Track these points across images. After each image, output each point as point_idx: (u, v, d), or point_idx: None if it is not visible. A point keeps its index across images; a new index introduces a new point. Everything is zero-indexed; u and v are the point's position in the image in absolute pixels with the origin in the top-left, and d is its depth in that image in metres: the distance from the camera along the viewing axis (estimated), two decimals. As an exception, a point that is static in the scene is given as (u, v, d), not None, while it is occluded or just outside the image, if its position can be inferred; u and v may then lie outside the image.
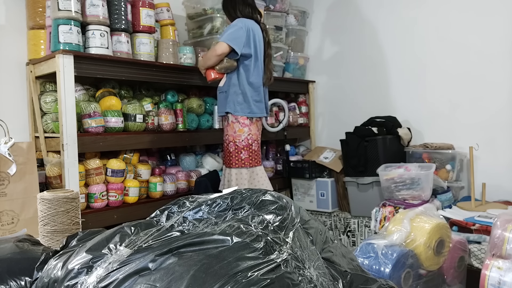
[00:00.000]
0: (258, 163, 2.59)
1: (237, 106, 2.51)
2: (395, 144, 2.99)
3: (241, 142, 2.51)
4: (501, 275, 1.62)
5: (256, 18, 2.60)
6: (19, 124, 2.46)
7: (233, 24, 2.49)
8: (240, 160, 2.51)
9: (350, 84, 3.60)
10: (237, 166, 2.51)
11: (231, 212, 1.22)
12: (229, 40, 2.41)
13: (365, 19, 3.48)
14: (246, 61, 2.51)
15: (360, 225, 3.01)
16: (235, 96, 2.51)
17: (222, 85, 2.59)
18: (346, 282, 1.17)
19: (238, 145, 2.51)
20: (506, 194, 2.74)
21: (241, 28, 2.46)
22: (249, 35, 2.49)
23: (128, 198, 2.51)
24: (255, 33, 2.51)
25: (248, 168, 2.53)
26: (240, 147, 2.51)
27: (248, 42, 2.48)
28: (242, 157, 2.51)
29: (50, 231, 1.60)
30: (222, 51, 2.41)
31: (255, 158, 2.56)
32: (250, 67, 2.53)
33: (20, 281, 1.19)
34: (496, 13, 2.83)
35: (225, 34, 2.45)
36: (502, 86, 2.82)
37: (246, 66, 2.52)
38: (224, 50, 2.41)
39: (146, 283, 0.92)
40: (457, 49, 3.00)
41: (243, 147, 2.51)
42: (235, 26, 2.47)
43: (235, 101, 2.51)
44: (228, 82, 2.54)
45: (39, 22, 2.44)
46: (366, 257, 1.76)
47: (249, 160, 2.53)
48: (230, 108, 2.52)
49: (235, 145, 2.51)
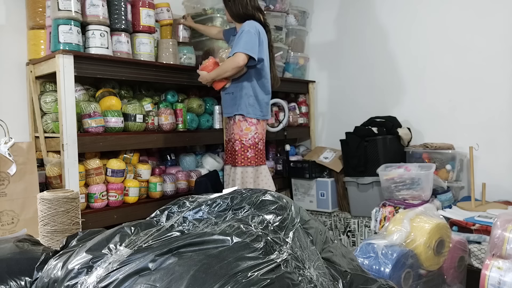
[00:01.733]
0: (263, 162, 2.60)
1: (249, 108, 2.51)
2: (395, 144, 2.99)
3: (247, 140, 2.52)
4: (501, 275, 1.62)
5: (264, 20, 2.58)
6: (19, 124, 2.45)
7: (245, 30, 2.41)
8: (246, 159, 2.52)
9: (350, 84, 3.60)
10: (243, 165, 2.51)
11: (231, 212, 1.22)
12: (247, 50, 2.36)
13: (365, 19, 3.48)
14: (258, 65, 2.49)
15: (360, 225, 3.01)
16: (247, 98, 2.50)
17: (227, 86, 2.58)
18: (346, 282, 1.17)
19: (245, 144, 2.51)
20: (506, 194, 2.74)
21: (254, 34, 2.41)
22: (261, 40, 2.46)
23: (128, 198, 2.51)
24: (263, 37, 2.49)
25: (254, 166, 2.54)
26: (247, 145, 2.51)
27: (261, 46, 2.46)
28: (249, 156, 2.52)
29: (50, 231, 1.60)
30: (244, 62, 2.36)
31: (260, 157, 2.57)
32: (262, 71, 2.53)
33: (20, 281, 1.19)
34: (496, 13, 2.83)
35: (241, 43, 2.38)
36: (502, 86, 2.82)
37: (258, 70, 2.51)
38: (245, 61, 2.36)
39: (146, 283, 0.92)
40: (457, 49, 3.00)
41: (249, 146, 2.52)
42: (248, 32, 2.40)
43: (246, 103, 2.50)
44: (236, 84, 2.53)
45: (39, 22, 2.44)
46: (366, 257, 1.76)
47: (255, 159, 2.53)
48: (242, 110, 2.50)
49: (241, 143, 2.51)
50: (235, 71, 2.42)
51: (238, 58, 2.36)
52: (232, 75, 2.47)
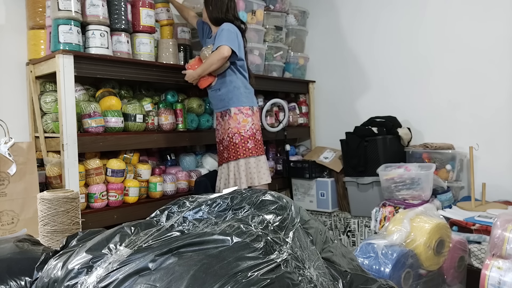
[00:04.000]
0: (263, 152, 2.65)
1: (242, 97, 2.58)
2: (395, 144, 2.99)
3: (246, 132, 2.56)
4: (501, 275, 1.62)
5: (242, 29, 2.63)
6: (19, 124, 2.45)
7: (226, 28, 2.48)
8: (248, 150, 2.55)
9: (350, 84, 3.60)
10: (245, 156, 2.55)
11: (231, 212, 1.22)
12: (230, 44, 2.43)
13: (365, 19, 3.48)
14: (238, 63, 2.58)
15: (360, 225, 3.01)
16: (236, 90, 2.57)
17: (214, 84, 2.61)
18: (346, 282, 1.17)
19: (244, 135, 2.55)
20: (506, 194, 2.74)
21: (234, 33, 2.49)
22: (239, 41, 2.54)
23: (128, 198, 2.51)
24: (240, 40, 2.56)
25: (256, 156, 2.57)
26: (246, 137, 2.56)
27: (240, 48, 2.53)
28: (249, 146, 2.56)
29: (50, 231, 1.60)
30: (228, 53, 2.42)
31: (259, 147, 2.62)
32: (243, 68, 2.62)
33: (20, 281, 1.19)
34: (497, 13, 2.82)
35: (223, 38, 2.44)
36: (502, 86, 2.82)
37: (240, 67, 2.60)
38: (229, 52, 2.42)
39: (146, 283, 0.92)
40: (457, 49, 3.00)
41: (248, 137, 2.56)
42: (228, 31, 2.47)
43: (238, 94, 2.57)
44: (222, 81, 2.58)
45: (39, 22, 2.44)
46: (366, 257, 1.76)
47: (255, 149, 2.58)
48: (234, 102, 2.56)
49: (240, 135, 2.55)
50: (220, 62, 2.46)
51: (223, 50, 2.41)
52: (217, 67, 2.50)
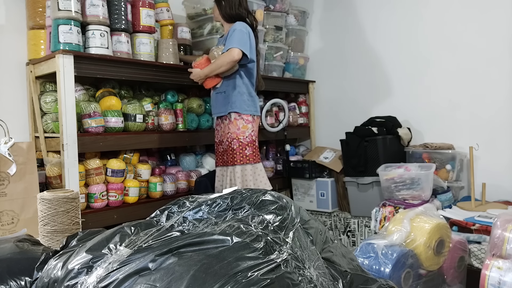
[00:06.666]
0: (259, 160, 2.63)
1: (244, 105, 2.53)
2: (395, 144, 2.99)
3: (245, 138, 2.53)
4: (501, 275, 1.62)
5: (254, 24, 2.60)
6: (19, 124, 2.45)
7: (238, 29, 2.44)
8: (245, 157, 2.52)
9: (350, 84, 3.60)
10: (241, 163, 2.52)
11: (231, 212, 1.22)
12: (241, 46, 2.38)
13: (365, 19, 3.48)
14: (249, 65, 2.52)
15: (360, 225, 3.01)
16: (240, 96, 2.52)
17: (219, 86, 2.58)
18: (346, 282, 1.17)
19: (243, 142, 2.52)
20: (506, 194, 2.74)
21: (246, 34, 2.44)
22: (251, 42, 2.49)
23: (128, 198, 2.51)
24: (252, 40, 2.52)
25: (253, 164, 2.55)
26: (245, 143, 2.53)
27: (251, 48, 2.49)
28: (247, 153, 2.53)
29: (50, 231, 1.60)
30: (239, 56, 2.37)
31: (257, 155, 2.60)
32: (252, 70, 2.56)
33: (20, 281, 1.19)
34: (497, 13, 2.83)
35: (234, 40, 2.40)
36: (503, 86, 2.82)
37: (248, 69, 2.54)
38: (239, 55, 2.37)
39: (146, 283, 0.92)
40: (457, 49, 3.00)
41: (247, 144, 2.53)
42: (241, 31, 2.43)
43: (241, 100, 2.52)
44: (227, 83, 2.54)
45: (39, 22, 2.44)
46: (366, 257, 1.76)
47: (253, 156, 2.55)
48: (236, 107, 2.52)
49: (239, 141, 2.52)
50: (230, 65, 2.42)
51: (233, 53, 2.36)
52: (226, 70, 2.46)
